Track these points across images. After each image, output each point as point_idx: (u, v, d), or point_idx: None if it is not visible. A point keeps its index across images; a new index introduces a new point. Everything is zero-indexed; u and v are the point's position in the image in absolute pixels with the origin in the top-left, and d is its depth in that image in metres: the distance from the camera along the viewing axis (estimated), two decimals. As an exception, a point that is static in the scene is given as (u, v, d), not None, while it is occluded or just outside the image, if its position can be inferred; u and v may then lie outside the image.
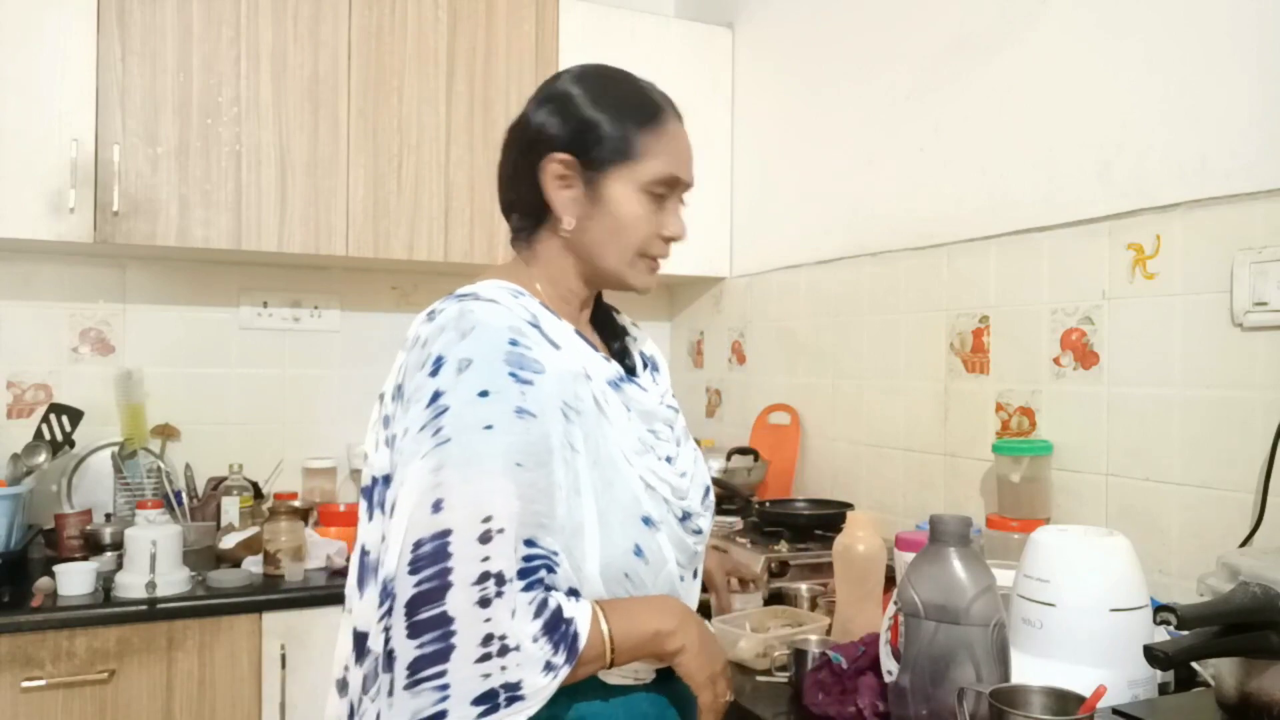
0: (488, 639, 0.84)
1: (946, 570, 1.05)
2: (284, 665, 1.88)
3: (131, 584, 1.82)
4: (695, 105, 2.60)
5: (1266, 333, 1.32)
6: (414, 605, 0.85)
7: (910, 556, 1.30)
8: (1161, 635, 1.10)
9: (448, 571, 0.85)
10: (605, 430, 0.98)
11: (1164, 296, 1.47)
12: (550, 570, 0.91)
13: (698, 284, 2.79)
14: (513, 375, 0.91)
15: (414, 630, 0.85)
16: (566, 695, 0.93)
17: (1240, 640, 0.97)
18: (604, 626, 0.91)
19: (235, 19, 2.13)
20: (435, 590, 0.85)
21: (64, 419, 2.17)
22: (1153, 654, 0.97)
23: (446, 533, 0.86)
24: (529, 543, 0.90)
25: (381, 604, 0.90)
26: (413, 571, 0.85)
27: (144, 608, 1.78)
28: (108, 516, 2.22)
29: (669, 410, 1.10)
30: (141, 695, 1.79)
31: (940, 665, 1.03)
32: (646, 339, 1.22)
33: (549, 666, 0.86)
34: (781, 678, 1.38)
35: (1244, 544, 1.32)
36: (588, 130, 1.03)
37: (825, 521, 1.97)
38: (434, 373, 0.91)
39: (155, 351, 2.41)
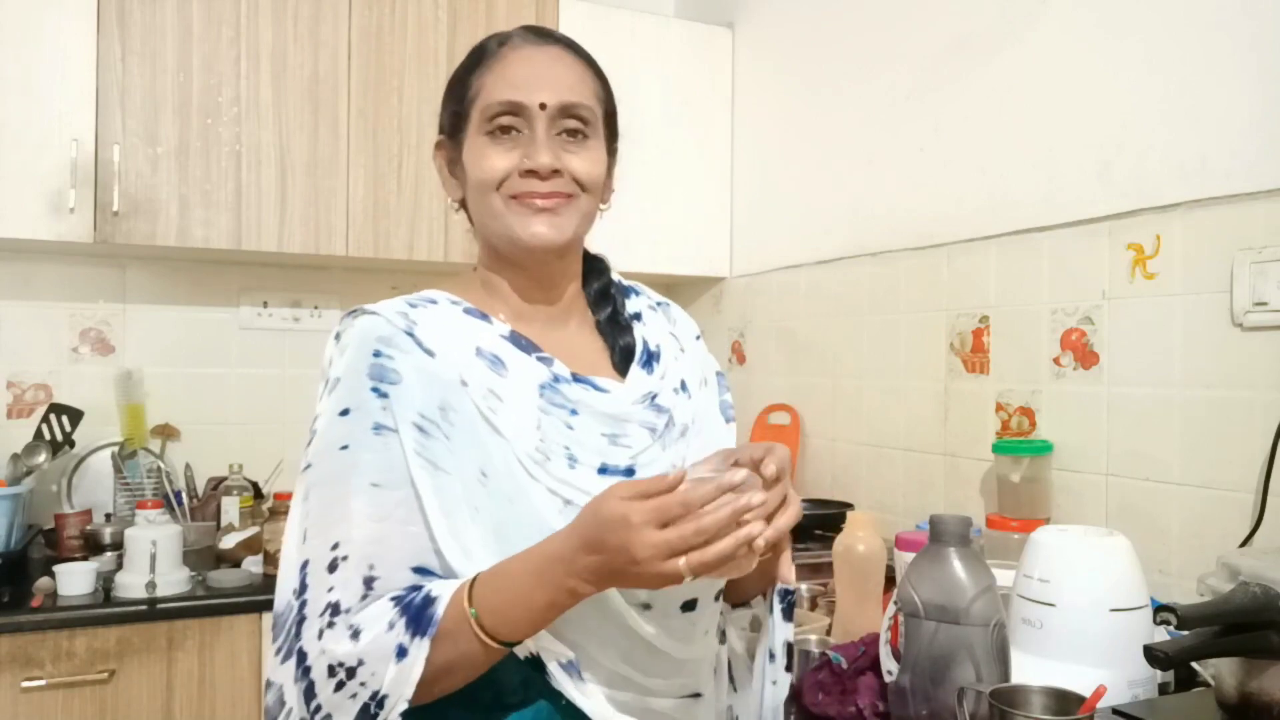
0: (332, 670, 0.82)
1: (946, 570, 1.05)
2: (284, 665, 1.88)
3: (131, 584, 1.82)
4: (695, 105, 2.63)
5: (1266, 333, 1.32)
6: (294, 638, 0.85)
7: (910, 556, 1.30)
8: (1161, 635, 1.10)
9: (305, 604, 0.85)
10: (490, 441, 0.87)
11: (1164, 296, 1.47)
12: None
13: (698, 284, 2.79)
14: (374, 390, 0.86)
15: (294, 662, 0.85)
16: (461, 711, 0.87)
17: (1240, 640, 0.97)
18: (465, 593, 0.81)
19: (235, 19, 2.13)
20: (298, 623, 0.85)
21: (64, 419, 2.17)
22: (1153, 654, 0.97)
23: (306, 563, 0.86)
24: (421, 570, 0.85)
25: (274, 638, 0.89)
26: (295, 603, 0.86)
27: (144, 608, 1.79)
28: (108, 516, 2.22)
29: (649, 410, 0.96)
30: (141, 695, 1.79)
31: (940, 665, 1.03)
32: (661, 324, 1.06)
33: (400, 651, 0.80)
34: (781, 678, 1.38)
35: (1244, 544, 1.32)
36: (443, 106, 0.99)
37: (825, 521, 1.98)
38: (320, 397, 0.90)
39: (155, 351, 2.41)
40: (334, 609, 0.83)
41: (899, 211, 2.03)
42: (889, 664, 1.11)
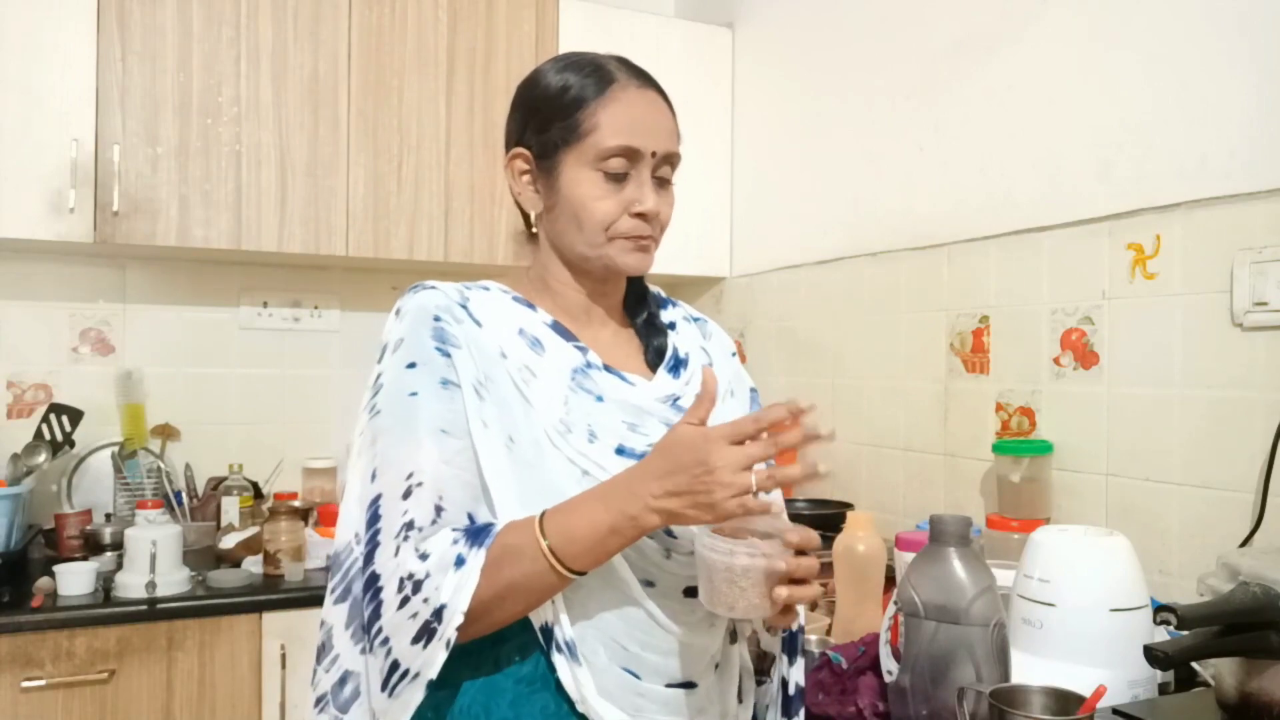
0: (402, 583, 0.87)
1: (946, 570, 1.05)
2: (284, 665, 1.88)
3: (131, 584, 1.82)
4: (695, 105, 2.63)
5: (1266, 333, 1.32)
6: (363, 569, 0.92)
7: (910, 556, 1.30)
8: (1161, 635, 1.10)
9: (378, 532, 0.90)
10: (520, 411, 0.95)
11: (1164, 296, 1.47)
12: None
13: (698, 284, 2.79)
14: (438, 349, 0.94)
15: (362, 592, 0.92)
16: (481, 691, 0.94)
17: (1240, 640, 0.97)
18: (535, 517, 0.88)
19: (235, 19, 2.13)
20: (371, 553, 0.90)
21: (64, 419, 2.17)
22: (1153, 654, 0.97)
23: (378, 497, 0.92)
24: (471, 518, 0.92)
25: (330, 578, 0.98)
26: (364, 539, 0.92)
27: (144, 608, 1.79)
28: (108, 516, 2.22)
29: (671, 409, 1.02)
30: (141, 695, 1.79)
31: (940, 665, 1.03)
32: (694, 336, 1.14)
33: (459, 560, 0.86)
34: (781, 678, 1.37)
35: (1244, 544, 1.32)
36: (535, 118, 1.02)
37: (825, 521, 1.97)
38: (380, 359, 0.98)
39: (155, 351, 2.41)
40: (409, 526, 0.89)
41: (899, 211, 2.03)
42: (889, 664, 1.11)
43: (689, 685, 0.98)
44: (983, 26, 1.81)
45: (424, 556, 0.87)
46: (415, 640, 0.86)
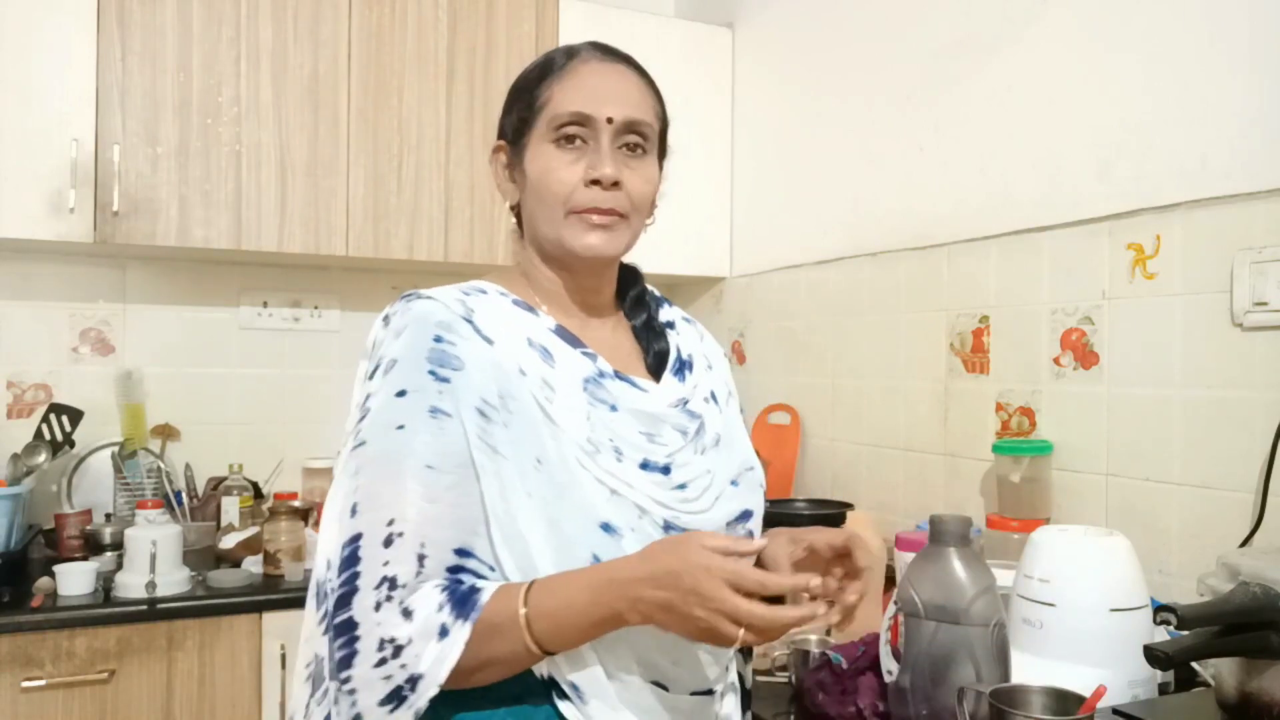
0: (382, 644, 0.83)
1: (946, 570, 1.05)
2: (284, 665, 1.88)
3: (131, 584, 1.82)
4: (695, 105, 2.63)
5: (1266, 333, 1.32)
6: (336, 609, 0.85)
7: (910, 556, 1.30)
8: (1161, 635, 1.10)
9: (356, 576, 0.85)
10: (545, 430, 0.90)
11: (1164, 296, 1.47)
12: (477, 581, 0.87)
13: (698, 284, 2.79)
14: (432, 373, 0.88)
15: (334, 634, 0.85)
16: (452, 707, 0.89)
17: (1240, 640, 0.97)
18: (520, 592, 0.83)
19: (235, 19, 2.13)
20: (347, 595, 0.85)
21: (64, 419, 2.17)
22: (1153, 654, 0.97)
23: (358, 537, 0.86)
24: (463, 552, 0.87)
25: (318, 608, 0.90)
26: (337, 575, 0.86)
27: (144, 608, 1.79)
28: (108, 516, 2.22)
29: (683, 415, 1.00)
30: (141, 695, 1.79)
31: (940, 665, 1.03)
32: (693, 337, 1.11)
33: (443, 630, 0.82)
34: (782, 678, 1.38)
35: (1244, 544, 1.32)
36: (506, 110, 1.02)
37: (825, 521, 1.97)
38: (370, 377, 0.92)
39: (155, 351, 2.41)
40: (391, 583, 0.84)
41: (899, 211, 2.03)
42: (889, 664, 1.11)
43: (709, 692, 0.97)
44: (983, 26, 1.81)
45: (408, 615, 0.83)
46: (384, 703, 0.83)
